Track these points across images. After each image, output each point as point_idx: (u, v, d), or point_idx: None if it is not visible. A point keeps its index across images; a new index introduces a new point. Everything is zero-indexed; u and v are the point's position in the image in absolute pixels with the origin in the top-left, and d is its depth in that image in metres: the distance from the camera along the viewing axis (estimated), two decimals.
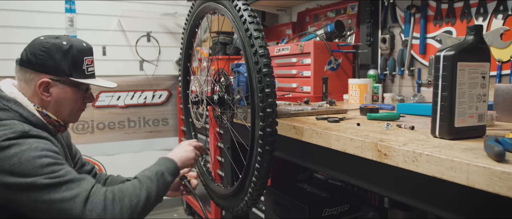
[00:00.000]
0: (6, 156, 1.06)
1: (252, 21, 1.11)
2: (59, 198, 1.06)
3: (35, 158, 1.07)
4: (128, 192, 1.14)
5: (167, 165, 1.30)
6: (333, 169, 1.22)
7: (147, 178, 1.21)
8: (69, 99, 1.29)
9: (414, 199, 0.96)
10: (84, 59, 1.29)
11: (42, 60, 1.22)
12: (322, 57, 2.11)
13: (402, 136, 1.00)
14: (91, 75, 1.33)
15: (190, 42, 1.67)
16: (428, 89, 1.92)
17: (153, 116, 3.74)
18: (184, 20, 1.67)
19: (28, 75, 1.23)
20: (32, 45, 1.23)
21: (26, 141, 1.09)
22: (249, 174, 1.19)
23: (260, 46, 1.09)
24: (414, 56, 1.98)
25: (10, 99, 1.19)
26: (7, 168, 1.05)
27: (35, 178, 1.05)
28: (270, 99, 1.07)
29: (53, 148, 1.14)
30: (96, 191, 1.10)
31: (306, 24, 2.81)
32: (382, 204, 2.01)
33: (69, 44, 1.24)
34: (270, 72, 1.08)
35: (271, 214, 1.93)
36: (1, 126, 1.11)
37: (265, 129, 1.08)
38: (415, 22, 1.95)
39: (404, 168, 0.87)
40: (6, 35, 3.07)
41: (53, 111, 1.27)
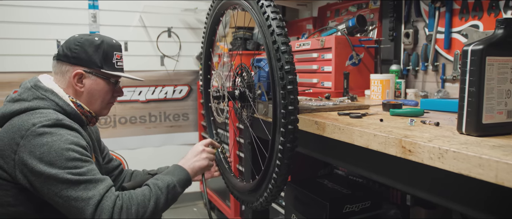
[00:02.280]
0: (39, 143, 1.14)
1: (275, 18, 1.10)
2: (75, 197, 1.12)
3: (63, 150, 1.14)
4: (137, 201, 1.19)
5: (180, 176, 1.34)
6: (355, 165, 1.21)
7: (158, 188, 1.25)
8: (100, 91, 1.38)
9: (438, 196, 0.94)
10: (114, 54, 1.39)
11: (77, 54, 1.32)
12: (343, 52, 2.09)
13: (427, 132, 0.98)
14: (120, 70, 1.43)
15: (211, 39, 1.67)
16: (453, 85, 1.88)
17: (173, 110, 3.78)
18: (205, 15, 1.68)
19: (64, 68, 1.34)
20: (68, 41, 1.34)
21: (59, 131, 1.17)
22: (269, 170, 1.19)
23: (283, 43, 1.08)
24: (438, 51, 1.94)
25: (48, 89, 1.29)
26: (37, 155, 1.13)
27: (59, 171, 1.12)
28: (292, 96, 1.07)
29: (82, 142, 1.21)
30: (108, 196, 1.15)
31: (327, 19, 2.78)
32: (404, 202, 1.98)
33: (100, 40, 1.36)
34: (292, 69, 1.08)
35: (291, 210, 1.93)
36: (38, 114, 1.20)
37: (287, 126, 1.07)
38: (440, 16, 1.90)
39: (429, 165, 0.85)
40: (31, 31, 3.14)
41: (86, 102, 1.37)
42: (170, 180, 1.29)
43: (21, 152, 1.14)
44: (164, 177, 1.30)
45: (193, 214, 3.67)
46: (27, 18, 3.13)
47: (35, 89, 1.28)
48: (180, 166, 1.39)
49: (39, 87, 1.28)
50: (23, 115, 1.21)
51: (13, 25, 3.09)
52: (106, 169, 1.62)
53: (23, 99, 1.25)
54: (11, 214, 1.21)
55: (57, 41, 3.19)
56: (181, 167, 1.38)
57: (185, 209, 3.76)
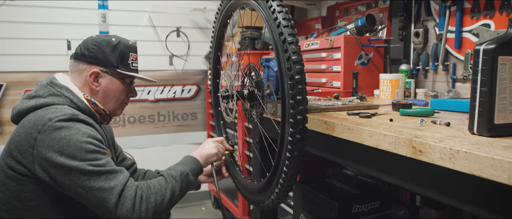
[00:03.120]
0: (57, 137, 1.17)
1: (281, 10, 1.11)
2: (98, 187, 1.16)
3: (82, 142, 1.18)
4: (154, 190, 1.24)
5: (192, 165, 1.40)
6: (364, 165, 1.20)
7: (173, 177, 1.31)
8: (116, 90, 1.41)
9: (449, 197, 0.93)
10: (130, 55, 1.42)
11: (94, 53, 1.36)
12: (352, 52, 2.08)
13: (437, 133, 0.97)
14: (135, 71, 1.45)
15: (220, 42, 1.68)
16: (463, 85, 1.86)
17: (182, 110, 3.80)
18: (213, 15, 1.69)
19: (80, 67, 1.37)
20: (86, 41, 1.38)
21: (75, 125, 1.21)
22: (279, 164, 1.19)
23: (290, 34, 1.09)
24: (449, 51, 1.92)
25: (63, 86, 1.33)
26: (56, 148, 1.16)
27: (80, 163, 1.15)
28: (300, 86, 1.07)
29: (97, 136, 1.25)
30: (129, 186, 1.20)
31: (336, 18, 2.77)
32: (414, 202, 1.97)
33: (117, 41, 1.39)
34: (299, 60, 1.09)
35: (299, 210, 1.93)
36: (53, 109, 1.23)
37: (296, 117, 1.08)
38: (450, 15, 1.88)
39: (440, 165, 0.84)
40: (42, 31, 3.18)
41: (101, 100, 1.40)
42: (183, 169, 1.35)
43: (40, 146, 1.17)
44: (176, 167, 1.36)
45: (201, 214, 3.68)
46: (38, 19, 3.16)
47: (51, 86, 1.31)
48: (191, 156, 1.45)
49: (55, 84, 1.32)
50: (38, 111, 1.24)
51: (24, 25, 3.13)
52: None
53: (38, 96, 1.29)
54: (27, 208, 1.24)
55: (68, 41, 3.22)
56: (191, 156, 1.45)
57: (193, 208, 3.78)
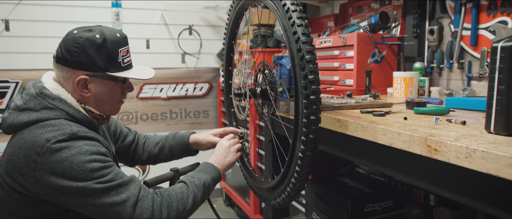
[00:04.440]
0: (58, 159, 1.08)
1: (295, 10, 1.11)
2: (109, 202, 1.11)
3: (86, 162, 1.10)
4: (176, 198, 1.21)
5: (213, 174, 1.37)
6: (378, 163, 1.19)
7: (195, 186, 1.28)
8: (108, 93, 1.27)
9: (465, 196, 0.92)
10: (119, 51, 1.24)
11: (77, 57, 1.18)
12: (365, 49, 2.06)
13: (453, 131, 0.96)
14: (128, 66, 1.29)
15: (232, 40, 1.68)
16: (479, 83, 1.83)
17: (194, 107, 3.81)
18: (225, 13, 1.69)
19: (65, 73, 1.22)
20: (66, 41, 1.20)
21: (76, 143, 1.11)
22: (292, 161, 1.18)
23: (303, 33, 1.08)
24: (464, 48, 1.89)
25: (56, 97, 1.19)
26: (59, 172, 1.08)
27: (87, 183, 1.09)
28: (313, 86, 1.07)
29: (101, 149, 1.17)
30: (144, 195, 1.16)
31: (349, 16, 2.75)
32: (427, 202, 1.94)
33: (102, 38, 1.20)
34: (313, 59, 1.08)
35: (312, 208, 1.92)
36: (50, 127, 1.13)
37: (309, 117, 1.07)
38: (466, 12, 1.85)
39: (456, 165, 0.83)
40: (56, 30, 3.21)
41: (94, 106, 1.27)
42: (205, 179, 1.32)
43: (41, 170, 1.08)
44: (199, 175, 1.33)
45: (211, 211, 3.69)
46: (53, 17, 3.20)
47: (42, 97, 1.18)
48: (212, 165, 1.41)
49: (46, 96, 1.19)
50: (33, 128, 1.13)
51: (39, 24, 3.17)
52: (123, 147, 1.64)
53: (30, 109, 1.17)
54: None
55: None
56: (213, 165, 1.41)
57: (205, 206, 3.77)
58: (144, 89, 3.61)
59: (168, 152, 1.69)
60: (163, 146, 1.69)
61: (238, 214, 3.54)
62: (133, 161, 1.69)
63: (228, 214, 3.62)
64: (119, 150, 1.61)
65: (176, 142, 1.68)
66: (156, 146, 1.69)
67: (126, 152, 1.66)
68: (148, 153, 1.69)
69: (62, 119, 1.17)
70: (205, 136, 1.66)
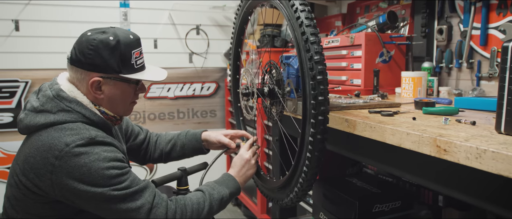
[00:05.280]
0: (77, 164, 1.10)
1: (304, 10, 1.10)
2: (125, 209, 1.14)
3: (104, 169, 1.11)
4: (191, 208, 1.23)
5: (232, 189, 1.38)
6: (386, 163, 1.19)
7: (213, 199, 1.29)
8: (121, 95, 1.28)
9: (474, 197, 0.91)
10: (132, 53, 1.25)
11: (91, 59, 1.19)
12: (373, 49, 2.05)
13: (463, 132, 0.95)
14: (140, 68, 1.30)
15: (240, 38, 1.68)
16: (489, 83, 1.82)
17: (201, 107, 3.82)
18: (233, 12, 1.69)
19: (79, 75, 1.23)
20: (80, 43, 1.21)
21: (94, 149, 1.13)
22: (300, 162, 1.18)
23: (312, 33, 1.08)
24: (473, 48, 1.87)
25: (72, 100, 1.20)
26: (77, 176, 1.10)
27: (104, 189, 1.11)
28: (322, 86, 1.07)
29: (118, 155, 1.18)
30: (159, 203, 1.19)
31: (357, 15, 2.73)
32: (436, 202, 1.93)
33: (116, 40, 1.20)
34: (321, 59, 1.08)
35: (319, 208, 1.92)
36: (69, 130, 1.14)
37: (317, 117, 1.07)
38: (475, 11, 1.84)
39: (466, 165, 0.82)
40: (65, 30, 3.24)
41: (108, 107, 1.28)
42: (225, 193, 1.33)
43: (59, 173, 1.10)
44: (220, 189, 1.33)
45: None
46: (62, 17, 3.23)
47: (59, 100, 1.19)
48: (233, 178, 1.42)
49: (63, 98, 1.20)
50: (51, 130, 1.14)
51: (48, 24, 3.20)
52: (135, 146, 1.64)
53: (47, 110, 1.18)
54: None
55: None
56: (234, 179, 1.42)
57: None
58: (152, 89, 3.63)
59: (180, 149, 1.69)
60: (175, 143, 1.69)
61: (245, 214, 3.54)
62: (144, 159, 1.70)
63: (235, 213, 3.63)
64: (130, 148, 1.62)
65: (188, 139, 1.68)
66: (168, 143, 1.69)
67: (138, 150, 1.67)
68: (160, 151, 1.69)
69: (80, 122, 1.18)
70: (216, 136, 1.66)
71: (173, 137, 1.71)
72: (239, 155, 1.49)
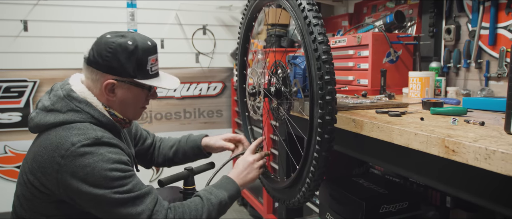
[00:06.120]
0: (81, 164, 1.11)
1: (311, 9, 1.10)
2: (125, 213, 1.14)
3: (107, 170, 1.12)
4: (189, 216, 1.22)
5: (231, 192, 1.35)
6: (394, 164, 1.18)
7: (211, 204, 1.27)
8: (133, 99, 1.30)
9: (483, 198, 0.90)
10: (149, 59, 1.26)
11: (108, 61, 1.21)
12: (380, 49, 2.04)
13: (471, 132, 0.95)
14: (155, 75, 1.32)
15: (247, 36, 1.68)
16: (497, 83, 1.80)
17: (208, 107, 3.83)
18: (239, 12, 1.69)
19: (94, 76, 1.24)
20: (99, 44, 1.22)
21: (99, 150, 1.14)
22: (307, 162, 1.18)
23: (320, 33, 1.08)
24: (482, 48, 1.86)
25: (82, 100, 1.22)
26: (80, 176, 1.11)
27: (106, 191, 1.12)
28: (329, 86, 1.06)
29: (123, 158, 1.19)
30: (159, 210, 1.18)
31: (364, 15, 2.72)
32: (444, 203, 1.92)
33: (134, 45, 1.22)
34: (329, 59, 1.08)
35: (326, 208, 1.91)
36: (76, 130, 1.16)
37: (324, 117, 1.06)
38: (484, 11, 1.82)
39: (475, 166, 0.82)
40: (73, 30, 3.27)
41: (118, 110, 1.30)
42: (223, 197, 1.30)
43: (64, 172, 1.11)
44: (217, 193, 1.31)
45: None
46: (70, 17, 3.25)
47: (69, 100, 1.21)
48: (232, 181, 1.39)
49: (73, 98, 1.22)
50: (59, 130, 1.17)
51: (56, 24, 3.23)
52: (143, 150, 1.66)
53: (57, 110, 1.20)
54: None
55: None
56: (233, 181, 1.39)
57: None
58: (159, 89, 3.64)
59: (182, 156, 1.70)
60: (177, 150, 1.70)
61: (251, 214, 3.54)
62: (150, 163, 1.71)
63: (241, 213, 3.63)
64: (138, 152, 1.63)
65: (189, 146, 1.68)
66: (171, 149, 1.70)
67: (145, 154, 1.68)
68: (163, 156, 1.70)
69: (88, 123, 1.20)
70: (216, 141, 1.67)
71: (174, 143, 1.71)
72: (243, 157, 1.48)
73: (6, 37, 3.12)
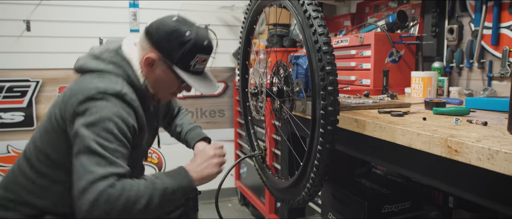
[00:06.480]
0: (94, 106, 1.15)
1: (311, 3, 1.10)
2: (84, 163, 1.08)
3: (107, 118, 1.14)
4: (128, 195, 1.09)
5: (181, 183, 1.23)
6: (396, 164, 1.18)
7: (154, 189, 1.16)
8: (166, 83, 1.35)
9: (486, 198, 0.90)
10: (196, 56, 1.30)
11: (160, 40, 1.27)
12: (383, 49, 2.04)
13: (474, 132, 0.94)
14: (195, 72, 1.34)
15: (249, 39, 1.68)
16: (500, 83, 1.80)
17: (210, 107, 3.83)
18: (241, 12, 1.69)
19: (145, 44, 1.31)
20: (163, 21, 1.29)
21: (116, 101, 1.18)
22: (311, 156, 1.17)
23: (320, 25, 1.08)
24: (485, 48, 1.86)
25: (125, 58, 1.30)
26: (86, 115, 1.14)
27: (91, 135, 1.10)
28: (331, 77, 1.06)
29: (130, 121, 1.20)
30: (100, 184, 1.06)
31: (366, 15, 2.72)
32: (446, 204, 1.91)
33: (190, 37, 1.26)
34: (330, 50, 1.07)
35: (328, 208, 1.91)
36: (107, 80, 1.22)
37: (327, 107, 1.06)
38: (487, 10, 1.82)
39: (478, 166, 0.82)
40: (74, 30, 3.27)
41: (151, 85, 1.36)
42: (169, 185, 1.19)
43: (80, 111, 1.15)
44: (165, 179, 1.21)
45: (227, 210, 3.71)
46: (72, 17, 3.26)
47: (115, 54, 1.30)
48: (186, 172, 1.27)
49: (119, 55, 1.30)
50: (95, 75, 1.24)
51: (59, 24, 3.23)
52: None
53: (102, 59, 1.28)
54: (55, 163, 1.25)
55: (100, 39, 3.30)
56: (187, 173, 1.27)
57: (219, 205, 3.80)
58: None
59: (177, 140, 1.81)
60: (179, 138, 1.79)
61: (253, 214, 3.54)
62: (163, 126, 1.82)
63: (243, 213, 3.63)
64: None
65: (187, 142, 1.74)
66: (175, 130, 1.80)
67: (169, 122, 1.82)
68: (170, 129, 1.82)
69: (121, 78, 1.26)
70: None
71: (180, 130, 1.78)
72: (204, 150, 1.41)
73: (9, 37, 3.13)
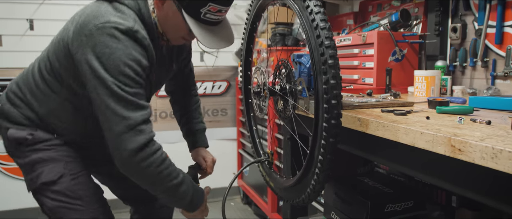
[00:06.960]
0: (105, 43, 1.15)
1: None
2: (113, 107, 1.15)
3: (122, 63, 1.15)
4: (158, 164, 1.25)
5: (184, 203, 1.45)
6: (399, 163, 1.18)
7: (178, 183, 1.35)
8: (175, 25, 1.32)
9: (489, 197, 0.90)
10: (208, 4, 1.23)
11: None
12: (386, 48, 2.03)
13: (478, 131, 0.94)
14: (206, 21, 1.28)
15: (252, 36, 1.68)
16: (504, 82, 1.79)
17: (212, 106, 3.83)
18: (244, 11, 1.69)
19: None
20: None
21: (128, 41, 1.17)
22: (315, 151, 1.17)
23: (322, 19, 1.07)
24: (488, 46, 1.85)
25: None
26: (97, 52, 1.15)
27: (108, 77, 1.14)
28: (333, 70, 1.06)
29: (143, 62, 1.21)
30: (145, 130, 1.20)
31: (369, 13, 2.71)
32: (449, 203, 1.91)
33: None
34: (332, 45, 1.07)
35: (331, 208, 1.91)
36: (120, 12, 1.21)
37: (330, 101, 1.06)
38: (491, 9, 1.81)
39: (481, 165, 0.81)
40: None
41: (160, 23, 1.33)
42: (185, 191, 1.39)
43: (89, 41, 1.16)
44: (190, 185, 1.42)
45: (230, 209, 3.71)
46: None
47: None
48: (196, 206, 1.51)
49: None
50: (109, 4, 1.22)
51: (61, 23, 3.20)
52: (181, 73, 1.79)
53: None
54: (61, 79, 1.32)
55: None
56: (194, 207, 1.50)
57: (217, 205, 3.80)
58: (163, 87, 3.65)
59: None
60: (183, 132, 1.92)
61: (256, 212, 3.54)
62: None
63: (246, 212, 3.63)
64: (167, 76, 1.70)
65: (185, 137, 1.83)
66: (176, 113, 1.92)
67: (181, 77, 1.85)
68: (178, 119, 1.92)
69: (133, 12, 1.24)
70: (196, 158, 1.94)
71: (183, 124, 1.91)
72: None
73: (12, 36, 3.14)
